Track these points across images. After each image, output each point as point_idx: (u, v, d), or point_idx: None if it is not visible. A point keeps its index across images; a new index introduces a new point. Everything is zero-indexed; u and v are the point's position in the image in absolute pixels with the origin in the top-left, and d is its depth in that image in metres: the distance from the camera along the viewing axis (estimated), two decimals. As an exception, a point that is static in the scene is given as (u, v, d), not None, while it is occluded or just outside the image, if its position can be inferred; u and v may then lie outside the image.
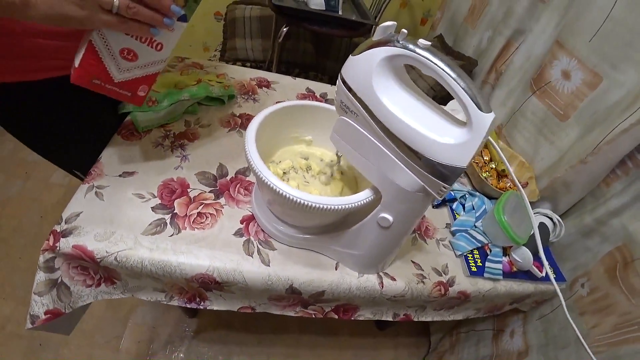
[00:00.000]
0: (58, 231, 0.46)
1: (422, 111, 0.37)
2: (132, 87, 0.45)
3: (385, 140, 0.39)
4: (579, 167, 0.61)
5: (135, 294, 0.53)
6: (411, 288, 0.56)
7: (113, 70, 0.42)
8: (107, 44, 0.40)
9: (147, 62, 0.44)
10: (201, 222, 0.53)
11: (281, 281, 0.51)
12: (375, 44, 0.36)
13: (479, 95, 0.33)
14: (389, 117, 0.37)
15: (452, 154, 0.35)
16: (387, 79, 0.38)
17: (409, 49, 0.34)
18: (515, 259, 0.61)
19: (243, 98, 0.77)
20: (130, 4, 0.36)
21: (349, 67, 0.39)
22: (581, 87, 0.65)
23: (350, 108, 0.41)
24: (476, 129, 0.33)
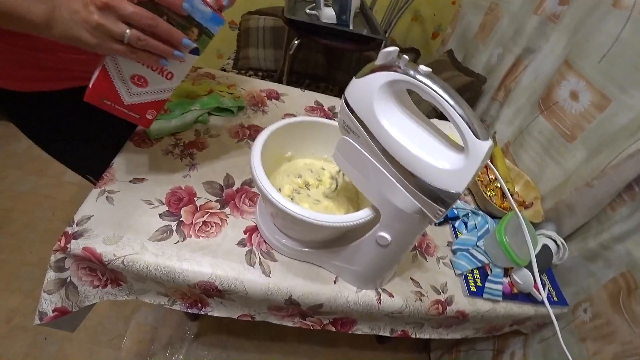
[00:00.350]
0: (70, 233, 0.49)
1: (421, 135, 0.38)
2: (140, 110, 0.47)
3: (384, 162, 0.40)
4: (583, 190, 0.60)
5: (139, 296, 0.55)
6: (409, 305, 0.56)
7: (123, 94, 0.45)
8: (119, 69, 0.43)
9: (156, 89, 0.46)
10: (206, 230, 0.55)
11: (281, 292, 0.52)
12: (377, 68, 0.38)
13: (475, 122, 0.34)
14: (388, 140, 0.38)
15: (448, 179, 0.36)
16: (387, 102, 0.39)
17: (410, 75, 0.35)
18: (516, 280, 0.61)
19: (252, 109, 0.79)
20: (141, 36, 0.37)
21: (352, 89, 0.41)
22: (589, 109, 0.65)
23: (352, 129, 0.42)
24: (472, 156, 0.34)
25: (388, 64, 0.37)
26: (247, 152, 0.69)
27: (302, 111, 0.83)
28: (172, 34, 0.39)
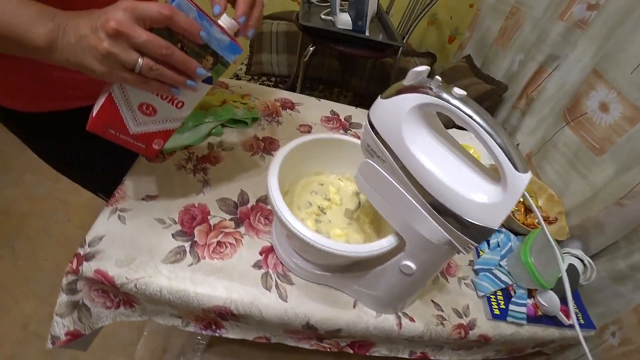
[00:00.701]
0: (81, 254, 0.47)
1: (452, 162, 0.36)
2: (147, 140, 0.45)
3: (412, 190, 0.37)
4: (614, 209, 0.57)
5: (152, 317, 0.54)
6: (430, 330, 0.54)
7: (129, 123, 0.42)
8: (127, 97, 0.40)
9: (165, 118, 0.44)
10: (220, 251, 0.53)
11: (298, 317, 0.50)
12: (406, 89, 0.35)
13: (515, 153, 0.31)
14: (418, 168, 0.36)
15: (483, 214, 0.33)
16: (417, 127, 0.36)
17: (443, 99, 0.33)
18: (541, 303, 0.58)
19: (267, 120, 0.77)
20: (154, 66, 0.35)
21: (377, 110, 0.38)
22: (620, 122, 0.62)
23: (376, 153, 0.40)
24: (511, 190, 0.32)
25: (418, 84, 0.35)
26: (262, 166, 0.67)
27: (317, 121, 0.81)
28: (187, 64, 0.36)
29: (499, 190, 0.33)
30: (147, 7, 0.32)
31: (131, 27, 0.32)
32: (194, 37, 0.36)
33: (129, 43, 0.33)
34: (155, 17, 0.33)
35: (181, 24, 0.34)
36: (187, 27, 0.35)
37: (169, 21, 0.34)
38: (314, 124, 0.81)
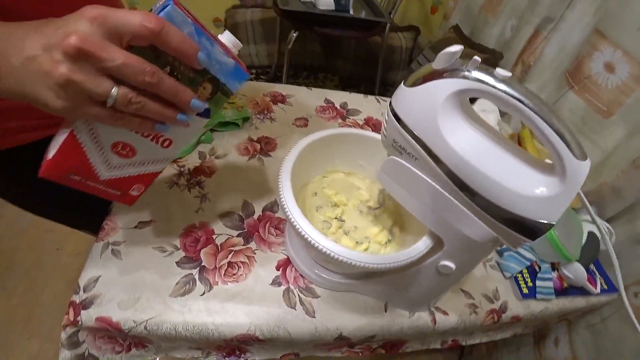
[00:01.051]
0: (77, 302, 0.41)
1: (498, 155, 0.32)
2: (123, 186, 0.36)
3: (453, 189, 0.33)
4: (632, 173, 0.56)
5: (169, 353, 0.49)
6: (464, 320, 0.52)
7: (99, 167, 0.32)
8: (95, 135, 0.30)
9: (147, 160, 0.35)
10: (233, 273, 0.48)
11: (329, 331, 0.47)
12: (439, 74, 0.30)
13: (573, 139, 0.28)
14: (461, 165, 0.32)
15: (540, 209, 0.30)
16: (454, 117, 0.32)
17: (486, 83, 0.28)
18: (566, 275, 0.58)
19: (258, 118, 0.71)
20: (133, 98, 0.26)
21: (403, 100, 0.33)
22: (628, 82, 0.60)
23: (407, 150, 0.35)
24: (571, 180, 0.28)
25: (453, 67, 0.30)
26: (261, 170, 0.62)
27: (312, 113, 0.75)
28: (179, 94, 0.28)
29: (556, 181, 0.29)
30: (124, 18, 0.24)
31: (101, 46, 0.24)
32: (189, 59, 0.28)
33: (98, 67, 0.24)
34: (137, 32, 0.24)
35: (173, 43, 0.26)
36: (180, 46, 0.26)
37: (156, 38, 0.25)
38: (309, 116, 0.75)
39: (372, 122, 0.79)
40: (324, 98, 0.79)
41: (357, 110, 0.80)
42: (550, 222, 0.30)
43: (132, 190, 0.37)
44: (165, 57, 0.27)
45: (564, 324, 0.72)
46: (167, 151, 0.35)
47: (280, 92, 0.77)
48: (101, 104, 0.26)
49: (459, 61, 0.30)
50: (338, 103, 0.79)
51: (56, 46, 0.23)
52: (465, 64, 0.30)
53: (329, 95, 0.80)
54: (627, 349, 0.58)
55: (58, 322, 0.43)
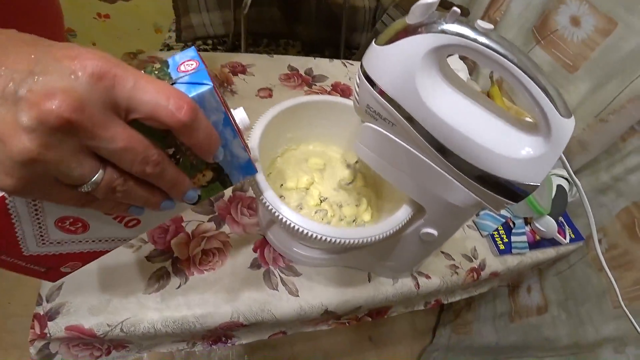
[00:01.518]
0: (42, 314, 0.37)
1: (481, 116, 0.30)
2: (52, 263, 0.27)
3: (434, 154, 0.32)
4: (597, 127, 0.58)
5: (152, 349, 0.47)
6: (446, 281, 0.53)
7: (27, 241, 0.24)
8: (38, 207, 0.22)
9: (100, 237, 0.27)
10: (209, 261, 0.45)
11: (315, 308, 0.46)
12: (413, 29, 0.28)
13: (558, 96, 0.27)
14: (442, 129, 0.30)
15: (525, 170, 0.29)
16: (433, 77, 0.29)
17: (467, 37, 0.26)
18: (539, 228, 0.60)
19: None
20: (120, 186, 0.19)
21: (375, 61, 0.30)
22: (593, 35, 0.60)
23: (382, 115, 0.33)
24: (556, 138, 0.27)
25: (429, 21, 0.27)
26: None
27: (276, 82, 0.70)
28: (178, 185, 0.22)
29: (541, 141, 0.28)
30: (145, 94, 0.17)
31: (101, 121, 0.16)
32: (206, 155, 0.22)
33: (84, 145, 0.17)
34: (159, 118, 0.18)
35: (198, 138, 0.20)
36: (204, 141, 0.20)
37: (182, 130, 0.19)
38: (273, 85, 0.70)
39: (340, 87, 0.75)
40: (287, 65, 0.74)
41: (323, 76, 0.76)
42: (535, 184, 0.29)
43: (65, 267, 0.28)
44: (175, 139, 0.20)
45: (535, 273, 0.76)
46: (129, 231, 0.28)
47: (239, 62, 0.71)
48: (71, 187, 0.18)
49: (436, 14, 0.27)
50: (302, 70, 0.74)
51: (27, 104, 0.15)
52: (443, 17, 0.27)
53: (293, 62, 0.75)
54: (590, 289, 0.63)
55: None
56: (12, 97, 0.15)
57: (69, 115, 0.15)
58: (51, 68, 0.15)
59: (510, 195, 0.30)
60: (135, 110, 0.17)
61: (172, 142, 0.21)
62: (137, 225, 0.27)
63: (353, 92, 0.34)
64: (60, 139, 0.16)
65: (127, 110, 0.17)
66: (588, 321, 0.63)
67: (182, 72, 0.21)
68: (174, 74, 0.21)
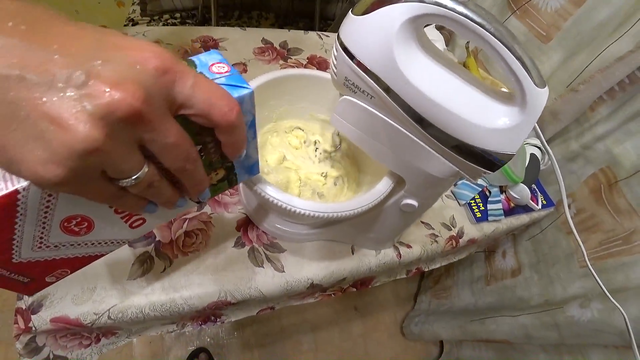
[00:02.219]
0: (24, 308, 0.36)
1: (458, 87, 0.30)
2: (40, 271, 0.25)
3: (413, 126, 0.32)
4: (568, 97, 0.59)
5: (142, 333, 0.47)
6: (426, 250, 0.55)
7: (23, 245, 0.22)
8: (50, 205, 0.20)
9: (101, 240, 0.26)
10: (192, 243, 0.45)
11: (300, 282, 0.47)
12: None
13: (534, 66, 0.27)
14: (420, 100, 0.30)
15: (501, 139, 0.30)
16: (411, 47, 0.29)
17: (445, 7, 0.26)
18: (513, 196, 0.62)
19: (190, 68, 0.62)
20: (156, 181, 0.19)
21: (353, 32, 0.30)
22: (566, 5, 0.60)
23: (360, 87, 0.32)
24: (531, 108, 0.28)
25: (406, -10, 0.27)
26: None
27: (251, 56, 0.68)
28: (201, 184, 0.22)
29: (516, 111, 0.29)
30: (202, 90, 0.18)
31: (161, 114, 0.16)
32: (234, 155, 0.23)
33: (138, 138, 0.17)
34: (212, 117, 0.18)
35: (235, 137, 0.21)
36: (237, 143, 0.22)
37: (227, 129, 0.20)
38: (247, 60, 0.68)
39: (316, 60, 0.74)
40: (261, 38, 0.71)
41: (298, 49, 0.74)
42: (511, 152, 0.30)
43: (50, 277, 0.26)
44: (205, 137, 0.21)
45: (510, 238, 0.80)
46: (132, 232, 0.27)
47: (211, 36, 0.68)
48: (111, 180, 0.18)
49: (413, -18, 0.26)
50: (277, 43, 0.72)
51: (96, 91, 0.14)
52: (419, -15, 0.26)
53: (266, 35, 0.72)
54: (560, 251, 0.67)
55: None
56: (78, 83, 0.14)
57: (140, 105, 0.15)
58: (117, 57, 0.15)
59: (487, 165, 0.31)
60: (190, 107, 0.18)
61: (201, 140, 0.21)
62: (141, 225, 0.27)
63: (330, 64, 0.33)
64: (124, 130, 0.15)
65: (181, 106, 0.18)
66: (557, 280, 0.68)
67: (217, 73, 0.22)
68: (209, 75, 0.21)
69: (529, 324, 0.69)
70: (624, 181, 0.57)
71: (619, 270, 0.57)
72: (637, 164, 0.56)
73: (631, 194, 0.56)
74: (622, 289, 0.55)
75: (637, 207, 0.56)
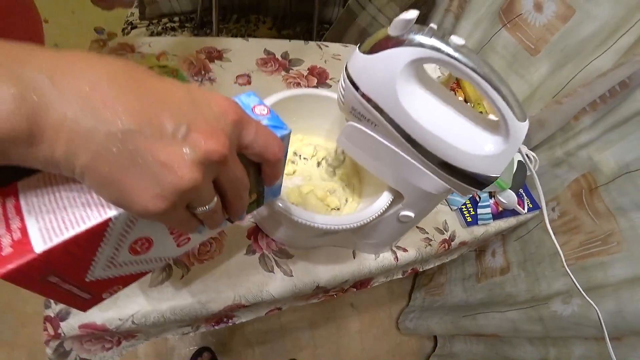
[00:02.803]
0: (52, 316, 0.40)
1: (451, 118, 0.34)
2: (102, 287, 0.28)
3: (412, 151, 0.36)
4: (554, 107, 0.63)
5: (160, 335, 0.51)
6: (421, 253, 0.60)
7: (98, 265, 0.24)
8: (129, 228, 0.23)
9: (155, 258, 0.29)
10: (207, 251, 0.48)
11: (307, 285, 0.51)
12: (396, 42, 0.31)
13: (516, 103, 0.31)
14: (418, 130, 0.34)
15: (487, 164, 0.34)
16: (411, 84, 0.33)
17: (443, 52, 0.29)
18: (501, 201, 0.67)
19: (196, 80, 0.65)
20: (220, 208, 0.23)
21: (360, 68, 0.33)
22: (553, 20, 0.64)
23: (366, 117, 0.36)
24: (513, 139, 0.32)
25: (410, 35, 0.30)
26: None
27: (254, 67, 0.70)
28: (243, 208, 0.25)
29: (501, 140, 0.33)
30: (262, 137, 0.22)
31: (234, 155, 0.21)
32: (272, 182, 0.26)
33: (215, 175, 0.20)
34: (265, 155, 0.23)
35: (277, 171, 0.25)
36: (277, 174, 0.26)
37: (275, 164, 0.24)
38: (251, 71, 0.70)
39: (317, 71, 0.77)
40: (263, 49, 0.74)
41: (299, 60, 0.77)
42: (495, 175, 0.34)
43: (106, 293, 0.29)
44: (249, 167, 0.24)
45: (499, 238, 0.85)
46: (177, 250, 0.30)
47: (214, 47, 0.70)
48: (189, 209, 0.21)
49: (415, 27, 0.30)
50: (279, 53, 0.75)
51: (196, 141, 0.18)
52: (421, 31, 0.30)
53: (268, 46, 0.75)
54: (545, 251, 0.72)
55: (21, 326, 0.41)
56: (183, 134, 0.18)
57: (226, 152, 0.19)
58: (205, 110, 0.19)
59: (475, 184, 0.35)
60: (251, 147, 0.22)
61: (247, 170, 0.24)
62: (185, 245, 0.30)
63: (338, 93, 0.37)
64: (213, 170, 0.19)
65: (245, 147, 0.22)
66: (542, 278, 0.73)
67: (259, 115, 0.26)
68: (253, 116, 0.25)
69: (516, 319, 0.74)
70: (603, 187, 0.62)
71: (598, 269, 0.62)
72: (616, 171, 0.60)
73: (609, 199, 0.61)
74: (601, 285, 0.60)
75: (615, 210, 0.60)
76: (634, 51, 0.52)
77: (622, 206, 0.58)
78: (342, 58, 0.81)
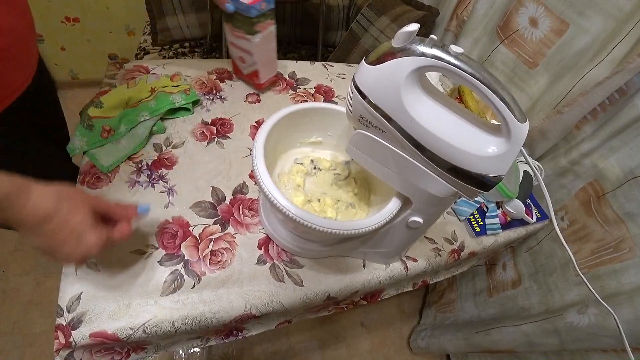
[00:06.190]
0: (64, 324, 0.40)
1: (455, 122, 0.36)
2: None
3: (418, 155, 0.37)
4: (555, 117, 0.65)
5: (169, 349, 0.50)
6: (430, 263, 0.59)
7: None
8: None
9: None
10: (218, 261, 0.49)
11: (318, 296, 0.51)
12: (399, 52, 0.33)
13: (515, 106, 0.32)
14: (423, 135, 0.35)
15: (492, 165, 0.35)
16: (415, 91, 0.35)
17: (444, 60, 0.31)
18: (509, 210, 0.67)
19: (208, 99, 0.67)
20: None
21: (366, 78, 0.35)
22: (549, 35, 0.67)
23: (373, 124, 0.38)
24: (514, 140, 0.33)
25: (412, 46, 0.32)
26: (222, 153, 0.61)
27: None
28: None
29: (503, 141, 0.34)
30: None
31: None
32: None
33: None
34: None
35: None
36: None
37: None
38: (260, 91, 0.73)
39: (323, 89, 0.80)
40: (273, 70, 0.77)
41: (306, 79, 0.80)
42: (500, 175, 0.35)
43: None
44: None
45: (509, 251, 0.84)
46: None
47: (225, 68, 0.74)
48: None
49: (417, 39, 0.32)
50: (286, 73, 0.78)
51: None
52: (422, 42, 0.32)
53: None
54: (556, 261, 0.71)
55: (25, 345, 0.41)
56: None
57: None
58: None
59: (481, 186, 0.36)
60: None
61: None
62: None
63: (346, 103, 0.38)
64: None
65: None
66: (555, 289, 0.71)
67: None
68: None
69: (531, 332, 0.72)
70: (610, 193, 0.62)
71: (612, 277, 0.61)
72: (621, 177, 0.61)
73: (617, 205, 0.61)
74: (615, 293, 0.59)
75: (624, 217, 0.60)
76: (627, 60, 0.53)
77: (631, 211, 0.58)
78: (347, 77, 0.85)
